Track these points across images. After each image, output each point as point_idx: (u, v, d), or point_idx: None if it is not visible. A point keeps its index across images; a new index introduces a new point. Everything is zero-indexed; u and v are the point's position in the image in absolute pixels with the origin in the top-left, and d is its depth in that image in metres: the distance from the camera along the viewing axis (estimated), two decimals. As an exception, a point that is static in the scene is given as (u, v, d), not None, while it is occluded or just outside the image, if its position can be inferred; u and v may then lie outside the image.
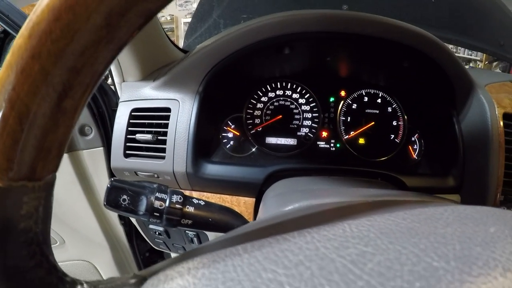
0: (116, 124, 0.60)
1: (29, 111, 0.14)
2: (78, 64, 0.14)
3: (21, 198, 0.16)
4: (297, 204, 0.31)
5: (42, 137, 0.15)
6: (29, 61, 0.13)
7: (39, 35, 0.13)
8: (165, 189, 0.34)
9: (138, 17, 0.14)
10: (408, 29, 0.51)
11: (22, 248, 0.16)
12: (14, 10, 0.68)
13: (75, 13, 0.13)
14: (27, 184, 0.15)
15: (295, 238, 0.17)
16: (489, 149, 0.55)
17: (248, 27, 0.51)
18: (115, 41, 0.14)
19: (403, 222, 0.18)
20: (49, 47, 0.13)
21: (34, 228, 0.17)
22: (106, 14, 0.13)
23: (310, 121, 0.65)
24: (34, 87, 0.14)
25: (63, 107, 0.15)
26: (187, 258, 0.18)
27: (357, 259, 0.15)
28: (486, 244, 0.16)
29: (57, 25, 0.13)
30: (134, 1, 0.13)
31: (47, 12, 0.13)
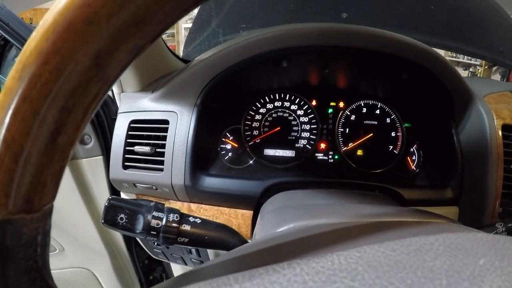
0: (115, 135, 0.60)
1: (24, 150, 0.14)
2: (69, 104, 0.14)
3: (20, 230, 0.16)
4: (292, 225, 0.31)
5: (38, 173, 0.15)
6: (20, 104, 0.14)
7: (29, 78, 0.13)
8: (162, 208, 0.34)
9: (126, 54, 0.14)
10: (407, 43, 0.51)
11: (22, 275, 0.17)
12: (14, 18, 0.68)
13: (63, 56, 0.13)
14: (26, 216, 0.16)
15: (285, 270, 0.18)
16: (487, 161, 0.55)
17: (246, 41, 0.52)
18: (105, 79, 0.15)
19: (392, 254, 0.19)
20: (40, 90, 0.13)
21: (33, 256, 0.17)
22: (93, 56, 0.13)
23: (308, 132, 0.65)
24: (27, 128, 0.14)
25: (57, 144, 0.15)
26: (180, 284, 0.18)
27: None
28: (474, 278, 0.15)
29: (46, 68, 0.13)
30: (122, 40, 0.14)
31: (35, 56, 0.13)
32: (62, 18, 0.13)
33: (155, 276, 1.07)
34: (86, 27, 0.13)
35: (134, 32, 0.14)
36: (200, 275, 0.19)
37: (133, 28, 0.13)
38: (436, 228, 0.25)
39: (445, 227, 0.27)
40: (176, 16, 0.14)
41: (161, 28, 0.14)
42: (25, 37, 0.68)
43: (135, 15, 0.13)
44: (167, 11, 0.14)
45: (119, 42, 0.14)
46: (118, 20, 0.13)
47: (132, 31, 0.13)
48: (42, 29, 0.13)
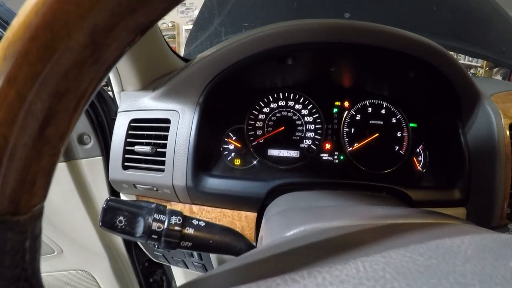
0: (114, 135, 0.59)
1: (8, 143, 0.13)
2: (60, 88, 0.13)
3: (4, 234, 0.14)
4: (302, 228, 0.30)
5: (24, 170, 0.14)
6: (4, 87, 0.12)
7: (14, 56, 0.12)
8: (163, 210, 0.33)
9: (127, 33, 0.13)
10: (414, 39, 0.50)
11: (8, 285, 0.15)
12: (14, 16, 0.67)
13: (53, 31, 0.11)
14: (11, 219, 0.14)
15: (305, 280, 0.16)
16: (495, 161, 0.54)
17: (250, 37, 0.50)
18: (102, 61, 0.13)
19: (420, 259, 0.17)
20: (27, 70, 0.12)
21: (21, 263, 0.15)
22: (89, 31, 0.12)
23: (313, 132, 0.64)
24: (12, 116, 0.12)
25: (46, 136, 0.13)
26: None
27: None
28: (506, 282, 0.15)
29: (34, 45, 0.12)
30: (122, 15, 0.12)
31: (22, 30, 0.11)
32: None
33: (155, 278, 1.06)
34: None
35: (135, 7, 0.12)
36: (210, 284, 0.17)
37: (134, 3, 0.12)
38: (455, 229, 0.24)
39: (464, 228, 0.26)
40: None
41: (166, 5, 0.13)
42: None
43: None
44: None
45: (119, 17, 0.12)
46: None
47: (133, 6, 0.12)
48: (31, 1, 0.11)
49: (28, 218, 0.15)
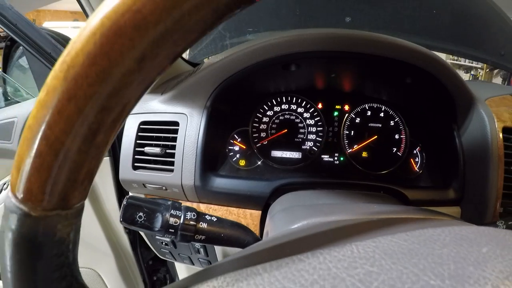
0: (124, 136, 0.61)
1: (64, 147, 0.15)
2: (111, 104, 0.15)
3: (55, 226, 0.17)
4: (305, 221, 0.32)
5: (75, 170, 0.16)
6: (65, 103, 0.14)
7: (75, 78, 0.14)
8: (179, 206, 0.35)
9: (167, 59, 0.15)
10: (411, 48, 0.53)
11: (54, 271, 0.17)
12: (22, 19, 0.69)
13: (110, 59, 0.14)
14: (61, 213, 0.16)
15: (309, 259, 0.19)
16: (489, 162, 0.56)
17: (256, 46, 0.53)
18: (145, 81, 0.15)
19: (404, 244, 0.20)
20: (85, 90, 0.14)
21: (65, 252, 0.18)
22: (139, 59, 0.14)
23: (314, 135, 0.67)
24: (70, 126, 0.14)
25: (96, 142, 0.16)
26: (210, 276, 0.19)
27: (364, 278, 0.17)
28: (478, 264, 0.17)
29: (92, 70, 0.14)
30: (164, 45, 0.14)
31: (82, 57, 0.14)
32: (109, 22, 0.13)
33: (159, 276, 1.08)
34: (135, 32, 0.13)
35: (176, 38, 0.14)
36: (225, 268, 0.20)
37: (176, 35, 0.14)
38: (443, 223, 0.27)
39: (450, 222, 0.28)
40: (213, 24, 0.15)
41: (198, 35, 0.15)
42: (32, 37, 0.69)
43: (179, 23, 0.14)
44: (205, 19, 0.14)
45: (162, 47, 0.14)
46: (164, 27, 0.13)
47: (175, 38, 0.14)
48: (88, 32, 0.14)
49: (74, 212, 0.17)
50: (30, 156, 0.15)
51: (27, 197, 0.16)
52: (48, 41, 0.72)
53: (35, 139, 0.15)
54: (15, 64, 1.17)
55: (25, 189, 0.15)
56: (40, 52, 0.71)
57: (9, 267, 0.16)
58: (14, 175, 0.16)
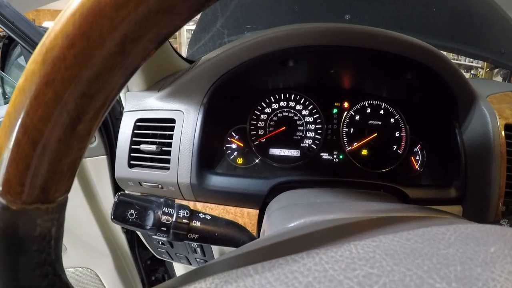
0: (120, 134, 0.60)
1: (43, 136, 0.14)
2: (91, 90, 0.14)
3: (34, 221, 0.16)
4: (302, 220, 0.31)
5: (55, 161, 0.15)
6: (42, 87, 0.13)
7: (53, 61, 0.13)
8: (172, 204, 0.35)
9: (151, 42, 0.14)
10: (410, 42, 0.52)
11: (35, 269, 0.16)
12: (20, 17, 0.68)
13: (89, 40, 0.13)
14: (41, 206, 0.16)
15: (304, 259, 0.18)
16: (491, 160, 0.55)
17: (252, 40, 0.52)
18: (128, 66, 0.14)
19: (407, 243, 0.19)
20: (63, 73, 0.13)
21: (47, 248, 0.17)
22: (120, 41, 0.13)
23: (313, 132, 0.66)
24: (48, 113, 0.14)
25: (77, 132, 0.15)
26: (199, 277, 0.18)
27: (363, 281, 0.16)
28: (486, 265, 0.16)
29: (71, 52, 0.13)
30: (147, 27, 0.13)
31: (60, 38, 0.13)
32: (89, 2, 0.13)
33: (157, 276, 1.08)
34: (115, 12, 0.13)
35: (159, 19, 0.13)
36: (216, 269, 0.19)
37: (159, 16, 0.13)
38: (445, 221, 0.26)
39: (454, 221, 0.27)
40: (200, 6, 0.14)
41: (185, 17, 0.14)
42: (30, 35, 0.69)
43: (162, 2, 0.13)
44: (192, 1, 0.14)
45: (145, 29, 0.13)
46: (146, 7, 0.13)
47: (158, 19, 0.13)
48: (68, 13, 0.13)
49: (56, 206, 0.16)
50: (8, 146, 0.14)
51: (6, 189, 0.15)
52: (46, 39, 0.71)
53: (13, 128, 0.14)
54: (13, 63, 1.17)
55: (3, 181, 0.15)
56: (37, 50, 0.70)
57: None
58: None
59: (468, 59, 3.67)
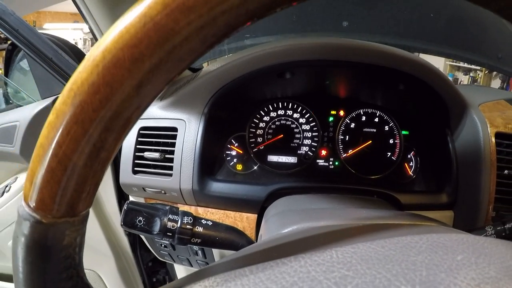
0: (124, 141, 0.62)
1: (72, 163, 0.17)
2: (113, 125, 0.17)
3: (63, 232, 0.19)
4: (295, 226, 0.34)
5: (82, 183, 0.18)
6: (72, 125, 0.16)
7: (81, 105, 0.16)
8: (176, 211, 0.37)
9: (161, 84, 0.17)
10: (403, 57, 0.54)
11: (62, 272, 0.19)
12: (23, 24, 0.70)
13: (112, 87, 0.16)
14: (69, 220, 0.18)
15: (292, 262, 0.21)
16: (481, 167, 0.57)
17: (251, 55, 0.55)
18: (143, 103, 0.17)
19: (381, 250, 0.21)
20: (90, 114, 0.16)
21: (72, 254, 0.20)
22: (136, 87, 0.16)
23: (310, 140, 0.68)
24: (77, 145, 0.17)
25: (99, 158, 0.18)
26: (202, 277, 0.21)
27: (339, 281, 0.18)
28: (450, 271, 0.18)
29: (96, 98, 0.16)
30: (159, 73, 0.16)
31: (87, 86, 0.16)
32: (110, 55, 0.15)
33: (158, 278, 1.09)
34: (132, 64, 0.15)
35: (169, 67, 0.16)
36: (216, 270, 0.21)
37: (169, 64, 0.16)
38: (425, 229, 0.28)
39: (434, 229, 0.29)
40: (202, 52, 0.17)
41: (190, 62, 0.17)
42: (34, 42, 0.71)
43: (171, 54, 0.16)
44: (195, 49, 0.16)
45: (157, 75, 0.16)
46: (157, 58, 0.15)
47: (168, 66, 0.16)
48: (92, 63, 0.16)
49: (80, 219, 0.19)
50: (42, 171, 0.17)
51: (39, 206, 0.18)
52: (49, 46, 0.73)
53: (46, 156, 0.17)
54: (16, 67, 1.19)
55: (37, 199, 0.17)
56: (41, 58, 0.72)
57: (21, 268, 0.18)
58: (27, 186, 0.18)
59: (467, 62, 3.68)
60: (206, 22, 0.15)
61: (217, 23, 0.15)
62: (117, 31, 0.15)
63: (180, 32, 0.15)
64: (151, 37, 0.15)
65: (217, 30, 0.16)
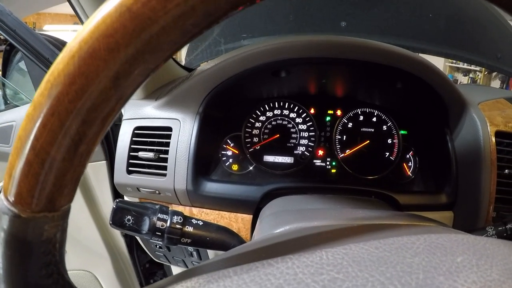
0: (119, 141, 0.62)
1: (50, 157, 0.16)
2: (90, 117, 0.16)
3: (42, 227, 0.18)
4: (288, 227, 0.33)
5: (61, 177, 0.17)
6: (49, 117, 0.16)
7: (57, 96, 0.15)
8: (166, 210, 0.36)
9: (140, 76, 0.16)
10: (399, 54, 0.53)
11: (41, 268, 0.19)
12: (21, 25, 0.70)
13: (87, 78, 0.15)
14: (48, 214, 0.18)
15: (278, 264, 0.20)
16: (481, 167, 0.56)
17: (245, 52, 0.54)
18: (121, 97, 0.17)
19: (375, 251, 0.20)
20: (66, 105, 0.16)
21: (52, 250, 0.19)
22: (113, 78, 0.16)
23: (306, 140, 0.67)
24: (54, 138, 0.16)
25: (78, 152, 0.17)
26: (186, 277, 0.20)
27: (328, 284, 0.17)
28: (449, 274, 0.17)
29: (72, 88, 0.15)
30: (136, 64, 0.16)
31: (63, 77, 0.15)
32: (86, 46, 0.15)
33: (155, 279, 1.09)
34: (108, 54, 0.15)
35: (147, 58, 0.16)
36: (201, 271, 0.21)
37: (147, 55, 0.16)
38: (422, 230, 0.27)
39: (432, 229, 0.28)
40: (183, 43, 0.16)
41: (170, 53, 0.17)
42: (31, 43, 0.70)
43: (148, 44, 0.15)
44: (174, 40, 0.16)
45: (134, 66, 0.16)
46: (134, 48, 0.15)
47: (146, 57, 0.16)
48: (68, 54, 0.15)
49: (60, 214, 0.19)
50: (20, 164, 0.17)
51: (17, 200, 0.17)
52: (47, 47, 0.73)
53: (24, 149, 0.16)
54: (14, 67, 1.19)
55: (15, 193, 0.17)
56: (38, 58, 0.72)
57: (1, 263, 0.18)
58: (6, 180, 0.17)
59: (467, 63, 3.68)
60: (184, 11, 0.14)
61: (196, 12, 0.15)
62: (94, 21, 0.15)
63: (157, 21, 0.14)
64: (127, 27, 0.14)
65: (197, 20, 0.15)
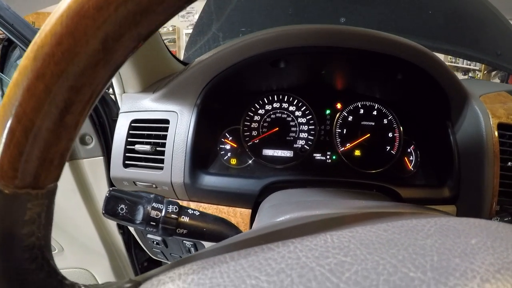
0: (116, 134, 0.61)
1: (34, 125, 0.15)
2: (78, 83, 0.15)
3: (25, 205, 0.17)
4: (288, 216, 0.32)
5: (45, 149, 0.16)
6: (34, 81, 0.15)
7: (43, 57, 0.14)
8: (161, 199, 0.35)
9: (131, 40, 0.15)
10: (401, 43, 0.52)
11: (24, 251, 0.17)
12: (19, 19, 0.69)
13: (75, 38, 0.14)
14: (31, 191, 0.17)
15: (279, 248, 0.18)
16: (484, 160, 0.55)
17: (243, 42, 0.53)
18: (111, 62, 0.16)
19: (384, 234, 0.19)
20: (52, 68, 0.15)
21: (36, 232, 0.18)
22: (102, 39, 0.15)
23: (306, 133, 0.66)
24: (39, 104, 0.15)
25: (65, 122, 0.16)
26: (179, 265, 0.19)
27: (335, 268, 0.16)
28: (465, 255, 0.16)
29: (59, 49, 0.14)
30: (127, 27, 0.15)
31: (50, 37, 0.14)
32: (75, 4, 0.14)
33: (155, 279, 1.07)
34: (97, 13, 0.14)
35: (139, 20, 0.15)
36: (196, 258, 0.19)
37: (138, 17, 0.15)
38: (429, 215, 0.26)
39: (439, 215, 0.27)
40: (178, 7, 0.16)
41: (163, 18, 0.16)
42: (29, 37, 0.70)
43: (140, 5, 0.14)
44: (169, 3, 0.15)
45: (125, 28, 0.15)
46: (125, 9, 0.14)
47: (137, 19, 0.15)
48: (56, 14, 0.14)
49: (45, 192, 0.17)
50: (2, 134, 0.16)
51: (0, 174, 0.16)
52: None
53: (7, 117, 0.15)
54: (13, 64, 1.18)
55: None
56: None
57: None
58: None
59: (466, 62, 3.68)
60: None
61: None
62: None
63: None
64: None
65: None
